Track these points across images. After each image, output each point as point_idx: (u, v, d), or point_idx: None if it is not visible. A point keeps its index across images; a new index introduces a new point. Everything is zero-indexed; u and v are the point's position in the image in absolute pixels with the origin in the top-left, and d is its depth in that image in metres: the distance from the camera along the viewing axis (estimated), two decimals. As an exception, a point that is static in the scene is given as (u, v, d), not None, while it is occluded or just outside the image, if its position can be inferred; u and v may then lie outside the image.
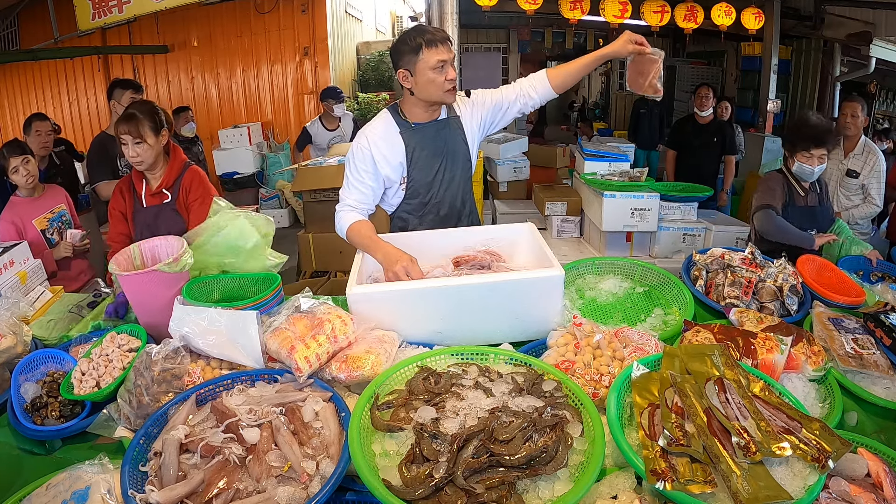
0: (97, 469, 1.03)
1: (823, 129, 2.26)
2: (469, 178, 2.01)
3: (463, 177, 1.97)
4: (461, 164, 1.95)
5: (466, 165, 1.96)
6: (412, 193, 1.92)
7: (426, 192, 1.92)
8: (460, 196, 1.99)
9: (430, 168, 1.89)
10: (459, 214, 2.00)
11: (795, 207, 2.37)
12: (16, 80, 7.01)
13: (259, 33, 6.33)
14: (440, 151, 1.88)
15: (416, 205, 1.94)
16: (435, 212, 1.95)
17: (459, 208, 2.00)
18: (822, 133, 2.23)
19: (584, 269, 1.91)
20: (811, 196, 2.38)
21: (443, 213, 1.96)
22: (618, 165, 4.06)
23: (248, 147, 6.05)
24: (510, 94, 1.92)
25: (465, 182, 2.00)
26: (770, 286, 1.70)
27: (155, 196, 2.08)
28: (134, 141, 1.96)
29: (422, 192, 1.92)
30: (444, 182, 1.92)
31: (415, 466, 0.98)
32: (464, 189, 2.00)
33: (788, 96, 7.10)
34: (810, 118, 2.34)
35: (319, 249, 3.40)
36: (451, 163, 1.92)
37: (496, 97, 1.93)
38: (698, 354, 1.19)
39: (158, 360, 1.27)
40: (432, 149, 1.87)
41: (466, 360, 1.30)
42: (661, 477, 0.91)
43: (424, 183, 1.90)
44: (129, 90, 2.94)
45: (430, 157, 1.87)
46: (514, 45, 8.07)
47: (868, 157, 3.06)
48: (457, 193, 1.97)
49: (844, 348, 1.44)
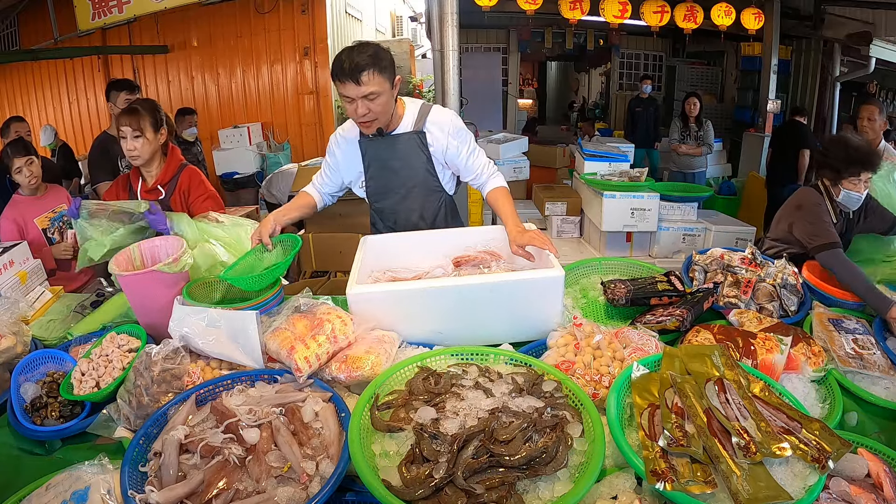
0: (97, 469, 1.03)
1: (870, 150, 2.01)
2: (435, 195, 1.94)
3: (423, 192, 1.92)
4: (421, 181, 1.90)
5: (429, 180, 1.91)
6: (372, 200, 1.98)
7: (382, 200, 1.96)
8: (418, 210, 1.94)
9: (383, 179, 1.91)
10: (416, 227, 1.95)
11: None
12: (16, 80, 7.01)
13: (259, 33, 6.32)
14: (394, 166, 1.86)
15: (377, 210, 2.00)
16: (392, 220, 1.98)
17: (416, 221, 1.95)
18: (871, 155, 1.99)
19: (589, 268, 1.92)
20: (840, 223, 2.11)
21: (399, 223, 1.97)
22: (617, 165, 4.06)
23: (248, 147, 6.04)
24: (470, 170, 1.89)
25: (427, 197, 1.93)
26: (767, 286, 1.70)
27: (150, 193, 2.09)
28: (133, 134, 1.97)
29: (378, 199, 1.96)
30: (397, 195, 1.92)
31: (415, 467, 0.98)
32: (424, 204, 1.94)
33: (788, 96, 7.10)
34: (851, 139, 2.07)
35: (319, 249, 3.40)
36: (407, 177, 1.88)
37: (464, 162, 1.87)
38: (698, 355, 1.19)
39: (158, 360, 1.27)
40: (386, 163, 1.86)
41: (466, 361, 1.30)
42: (661, 477, 0.91)
43: (379, 192, 1.94)
44: (123, 91, 2.95)
45: (383, 169, 1.88)
46: (514, 45, 8.07)
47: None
48: (413, 207, 1.94)
49: (844, 349, 1.44)
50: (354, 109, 1.64)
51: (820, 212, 2.04)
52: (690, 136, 5.32)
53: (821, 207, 2.05)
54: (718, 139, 6.32)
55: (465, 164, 1.88)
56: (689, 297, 1.60)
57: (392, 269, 1.76)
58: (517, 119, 8.56)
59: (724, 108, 8.13)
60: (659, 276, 1.72)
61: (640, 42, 8.68)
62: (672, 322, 1.46)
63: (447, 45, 3.93)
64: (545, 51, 8.48)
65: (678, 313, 1.48)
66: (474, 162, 1.89)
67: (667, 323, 1.47)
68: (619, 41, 8.36)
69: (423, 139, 1.84)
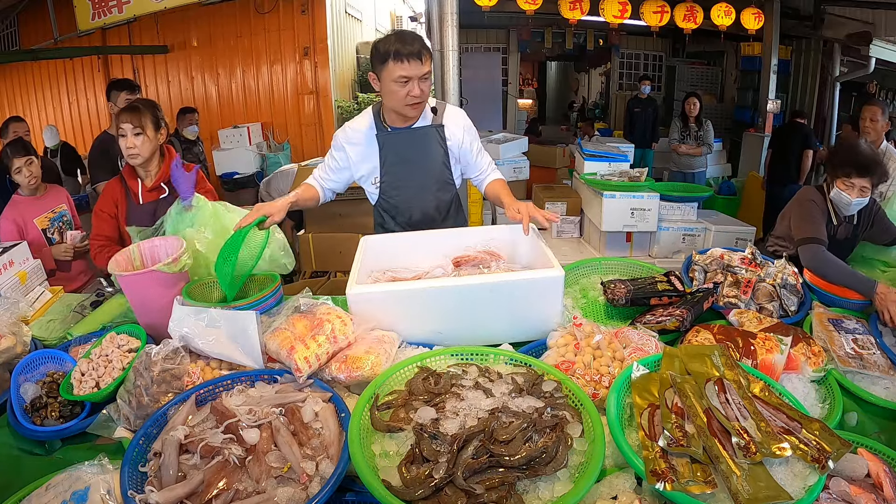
0: (97, 469, 1.02)
1: (872, 159, 2.00)
2: (448, 188, 1.99)
3: (439, 186, 1.96)
4: (437, 174, 1.94)
5: (445, 174, 1.96)
6: (385, 195, 1.96)
7: (397, 195, 1.95)
8: (434, 204, 1.98)
9: (401, 174, 1.91)
10: (433, 220, 1.98)
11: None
12: (16, 80, 7.01)
13: (259, 33, 6.32)
14: (413, 159, 1.89)
15: (390, 206, 1.98)
16: (407, 216, 1.98)
17: (433, 215, 1.99)
18: (870, 162, 1.97)
19: (589, 268, 1.92)
20: (844, 227, 2.10)
21: (415, 217, 1.98)
22: (617, 165, 4.06)
23: (248, 147, 6.04)
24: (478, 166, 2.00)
25: (441, 190, 1.97)
26: (767, 286, 1.70)
27: (152, 192, 2.07)
28: (134, 131, 1.95)
29: (393, 195, 1.95)
30: (414, 189, 1.94)
31: (415, 467, 0.98)
32: (439, 198, 1.98)
33: (788, 96, 7.11)
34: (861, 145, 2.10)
35: (319, 249, 3.41)
36: (425, 171, 1.92)
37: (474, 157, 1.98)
38: (698, 355, 1.19)
39: (158, 360, 1.27)
40: (405, 155, 1.89)
41: (466, 361, 1.30)
42: (661, 477, 0.91)
43: (395, 187, 1.94)
44: (123, 91, 2.95)
45: (401, 164, 1.89)
46: (513, 45, 8.08)
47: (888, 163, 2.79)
48: (430, 201, 1.97)
49: (844, 349, 1.44)
50: (408, 91, 1.70)
51: (812, 208, 2.05)
52: (690, 136, 5.33)
53: (815, 205, 2.06)
54: (718, 139, 6.33)
55: (475, 161, 1.98)
56: (689, 297, 1.60)
57: (392, 269, 1.75)
58: (517, 119, 8.57)
59: (724, 108, 8.14)
60: (659, 277, 1.72)
61: (639, 42, 8.68)
62: (672, 322, 1.46)
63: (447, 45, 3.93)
64: (545, 51, 8.49)
65: (678, 313, 1.48)
66: (482, 159, 2.00)
67: (667, 323, 1.47)
68: (618, 41, 8.38)
69: (442, 133, 1.90)
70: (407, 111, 1.78)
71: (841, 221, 2.10)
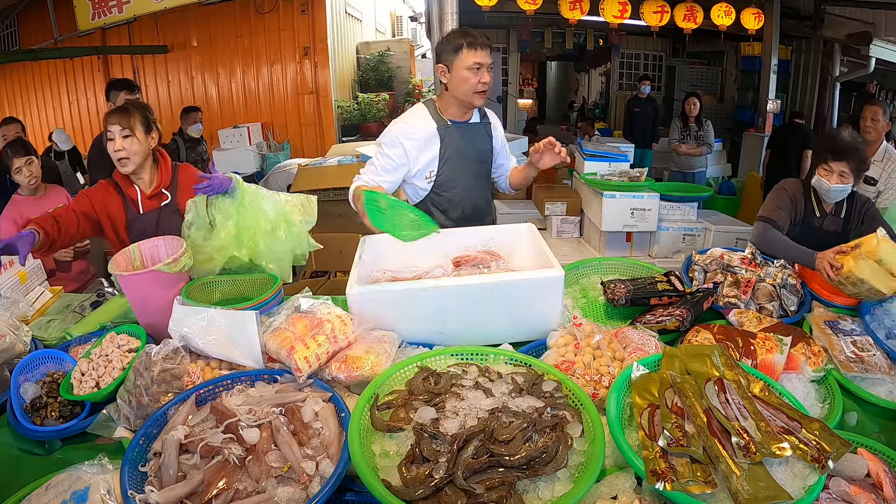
0: (97, 469, 1.02)
1: (849, 144, 1.98)
2: (488, 180, 2.15)
3: (484, 179, 2.11)
4: (486, 169, 2.10)
5: (489, 168, 2.11)
6: (440, 189, 2.00)
7: (453, 189, 2.00)
8: (485, 199, 2.12)
9: (460, 168, 1.98)
10: (482, 214, 2.10)
11: (806, 227, 2.08)
12: (16, 80, 7.01)
13: (259, 33, 6.33)
14: (469, 153, 1.99)
15: (443, 200, 2.02)
16: (460, 210, 2.04)
17: (483, 208, 2.11)
18: (847, 147, 1.96)
19: (589, 268, 1.92)
20: (830, 220, 2.07)
21: (467, 211, 2.05)
22: (617, 165, 4.05)
23: (248, 147, 6.05)
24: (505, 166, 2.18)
25: (486, 184, 2.13)
26: (767, 286, 1.70)
27: (153, 199, 1.94)
28: (122, 133, 1.80)
29: (450, 188, 2.00)
30: (469, 182, 2.02)
31: (415, 467, 0.98)
32: (485, 190, 2.12)
33: (788, 96, 7.11)
34: (842, 132, 2.07)
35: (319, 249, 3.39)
36: (479, 165, 2.05)
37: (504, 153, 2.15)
38: (698, 355, 1.19)
39: (158, 360, 1.27)
40: (465, 149, 1.97)
41: (466, 361, 1.30)
42: (661, 477, 0.91)
43: (452, 180, 1.99)
44: (123, 91, 2.95)
45: (461, 157, 1.97)
46: (513, 45, 8.08)
47: (887, 163, 2.84)
48: (481, 194, 2.09)
49: (845, 353, 1.44)
50: (480, 78, 1.83)
51: (780, 194, 2.13)
52: (690, 136, 5.34)
53: (784, 192, 2.12)
54: (718, 139, 6.33)
55: (506, 157, 2.14)
56: (689, 297, 1.60)
57: (392, 269, 1.75)
58: (517, 119, 8.57)
59: (724, 108, 8.14)
60: (659, 276, 1.72)
61: (639, 42, 8.68)
62: (672, 322, 1.46)
63: (447, 46, 3.91)
64: (545, 51, 8.49)
65: (678, 313, 1.48)
66: (508, 155, 2.17)
67: (667, 323, 1.47)
68: (618, 41, 8.37)
69: (489, 130, 2.05)
70: (475, 99, 1.88)
71: (826, 213, 2.08)
